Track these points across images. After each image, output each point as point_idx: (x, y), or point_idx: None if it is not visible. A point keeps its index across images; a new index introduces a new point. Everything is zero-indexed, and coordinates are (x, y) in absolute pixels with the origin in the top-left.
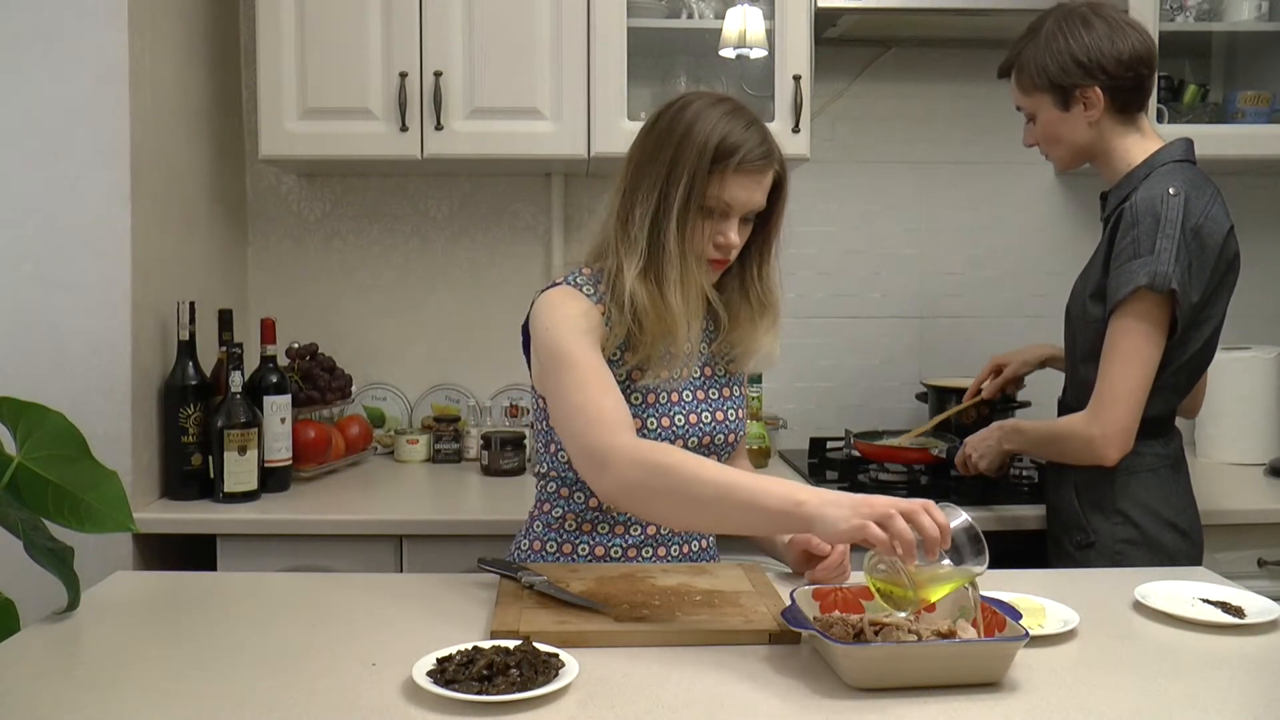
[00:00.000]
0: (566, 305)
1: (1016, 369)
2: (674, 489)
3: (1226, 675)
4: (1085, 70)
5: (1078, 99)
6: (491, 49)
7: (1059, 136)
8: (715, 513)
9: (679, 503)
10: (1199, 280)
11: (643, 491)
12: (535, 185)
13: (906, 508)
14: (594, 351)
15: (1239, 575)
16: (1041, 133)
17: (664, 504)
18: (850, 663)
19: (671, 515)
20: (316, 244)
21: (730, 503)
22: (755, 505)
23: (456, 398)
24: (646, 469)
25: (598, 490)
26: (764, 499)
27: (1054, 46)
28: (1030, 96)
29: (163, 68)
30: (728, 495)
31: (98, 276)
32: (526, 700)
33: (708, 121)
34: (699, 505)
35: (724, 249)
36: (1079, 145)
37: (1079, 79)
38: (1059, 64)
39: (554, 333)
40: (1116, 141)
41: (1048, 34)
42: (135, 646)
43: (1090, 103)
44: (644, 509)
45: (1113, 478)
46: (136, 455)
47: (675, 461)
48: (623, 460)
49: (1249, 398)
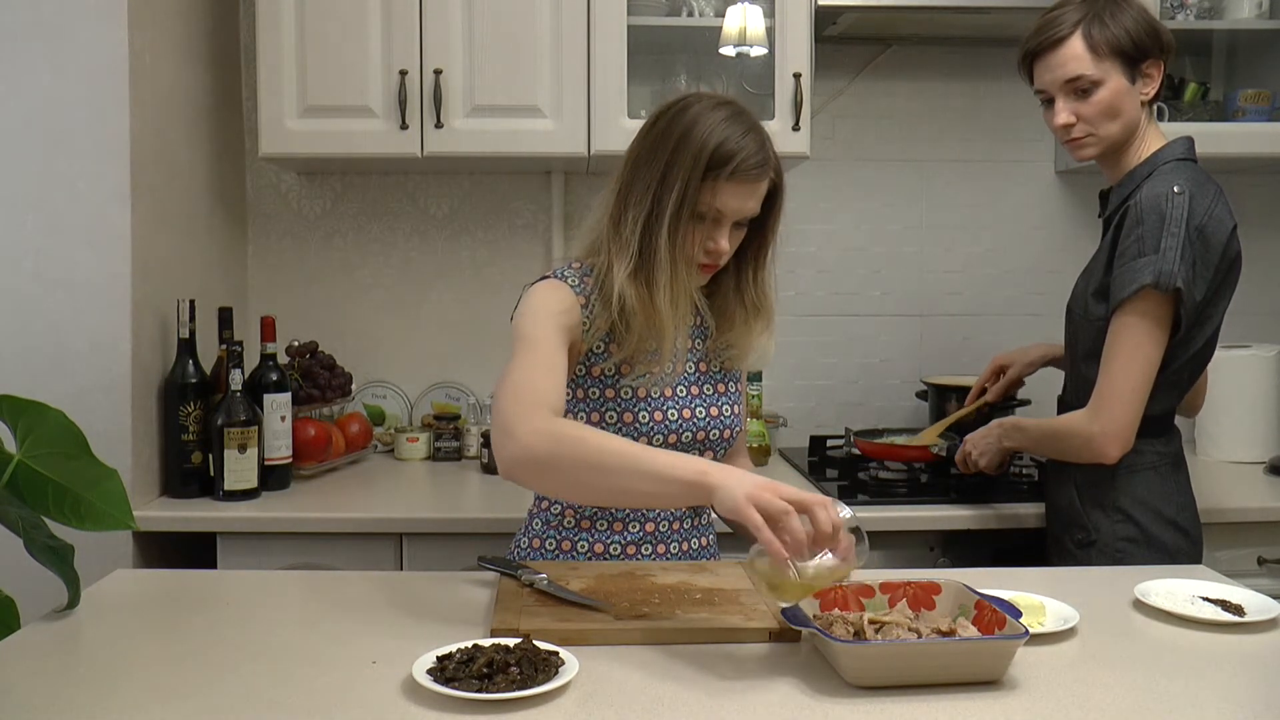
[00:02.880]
0: (545, 298)
1: (1019, 370)
2: (578, 458)
3: (1226, 673)
4: (1159, 43)
5: (1143, 73)
6: (491, 47)
7: (1121, 110)
8: (618, 481)
9: (584, 473)
10: (1203, 279)
11: (546, 461)
12: (535, 183)
13: (806, 503)
14: (554, 338)
15: (1239, 573)
16: (1104, 105)
17: (568, 474)
18: (850, 661)
19: (576, 486)
20: (316, 242)
21: (634, 472)
22: (659, 475)
23: (457, 395)
24: (553, 438)
25: (501, 461)
26: (668, 469)
27: (1131, 13)
28: (1102, 62)
29: (163, 65)
30: (633, 465)
31: (98, 274)
32: (526, 698)
33: (705, 127)
34: (602, 473)
35: (714, 255)
36: (1133, 123)
37: (1154, 50)
38: (1141, 29)
39: (520, 320)
40: (1145, 129)
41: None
42: (135, 644)
43: (1151, 79)
44: (545, 481)
45: (1114, 476)
46: (136, 453)
47: (583, 434)
48: (527, 429)
49: (1249, 396)
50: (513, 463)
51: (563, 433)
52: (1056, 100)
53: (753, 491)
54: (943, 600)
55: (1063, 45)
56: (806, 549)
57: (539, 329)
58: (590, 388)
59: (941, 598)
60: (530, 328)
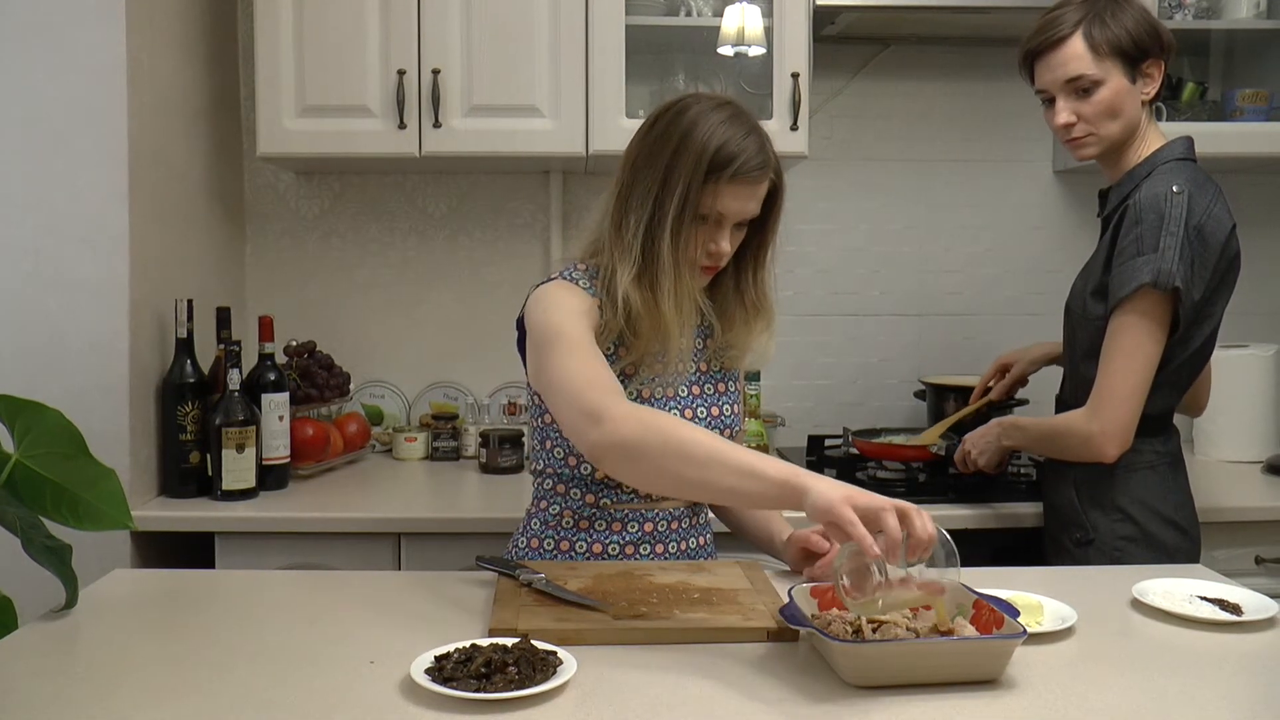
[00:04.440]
0: (566, 297)
1: (1023, 369)
2: (668, 447)
3: (1224, 672)
4: (1160, 43)
5: (1143, 73)
6: (489, 46)
7: (1121, 109)
8: (706, 474)
9: (671, 461)
10: (1201, 278)
11: (636, 447)
12: (533, 183)
13: (901, 507)
14: (588, 331)
15: (1236, 572)
16: (1104, 104)
17: (655, 462)
18: (848, 660)
19: (661, 475)
20: (314, 241)
21: (723, 465)
22: (748, 470)
23: (455, 395)
24: (643, 425)
25: (588, 446)
26: (758, 465)
27: (1132, 12)
28: (1103, 62)
29: (161, 65)
30: (722, 458)
31: (96, 274)
32: (524, 698)
33: (705, 129)
34: (691, 464)
35: (715, 257)
36: (1134, 123)
37: (1154, 50)
38: (1142, 29)
39: (549, 315)
40: (1145, 129)
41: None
42: (133, 644)
43: (1151, 79)
44: (633, 467)
45: (1112, 475)
46: (134, 453)
47: (671, 422)
48: (618, 415)
49: (1247, 395)
50: (604, 447)
51: (653, 420)
52: (1057, 100)
53: (849, 493)
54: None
55: (1064, 45)
56: (902, 551)
57: (570, 323)
58: None
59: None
60: (561, 323)
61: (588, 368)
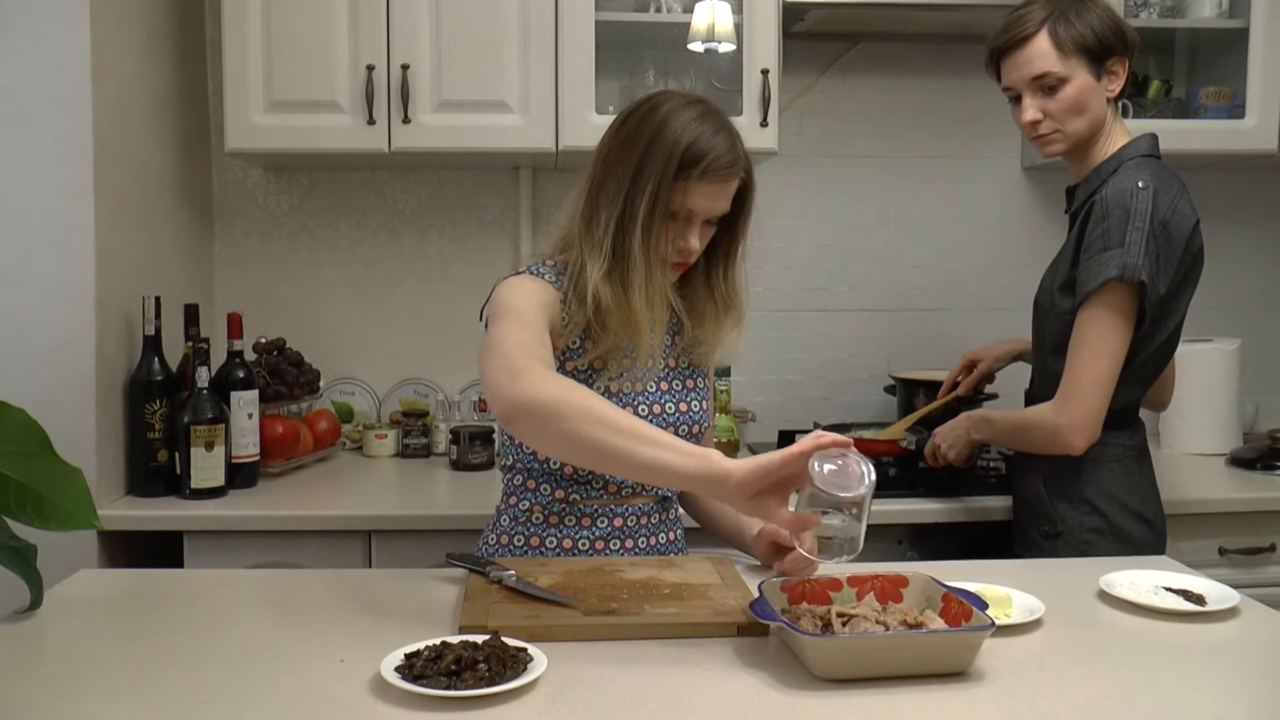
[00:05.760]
0: (525, 284)
1: (990, 365)
2: (590, 413)
3: (1188, 661)
4: (1124, 41)
5: (1108, 70)
6: (459, 42)
7: (1086, 107)
8: (622, 441)
9: (591, 426)
10: (1166, 273)
11: (554, 408)
12: (503, 179)
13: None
14: (540, 315)
15: (1201, 563)
16: (1069, 102)
17: (573, 424)
18: (818, 654)
19: (579, 439)
20: (283, 238)
21: (642, 436)
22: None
23: (425, 392)
24: (565, 387)
25: (505, 403)
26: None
27: (1097, 11)
28: (1067, 60)
29: (126, 59)
30: (642, 429)
31: (60, 271)
32: (495, 695)
33: (676, 126)
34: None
35: (685, 254)
36: (1099, 120)
37: (1118, 48)
38: (1106, 27)
39: (506, 297)
40: (1110, 126)
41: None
42: (100, 645)
43: (1116, 76)
44: (544, 427)
45: (1080, 468)
46: (101, 452)
47: (592, 394)
48: (537, 375)
49: (1211, 389)
50: (520, 401)
51: (572, 385)
52: (1024, 97)
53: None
54: (910, 593)
55: (1029, 43)
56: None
57: (525, 303)
58: None
59: (909, 590)
60: (516, 301)
61: (526, 336)
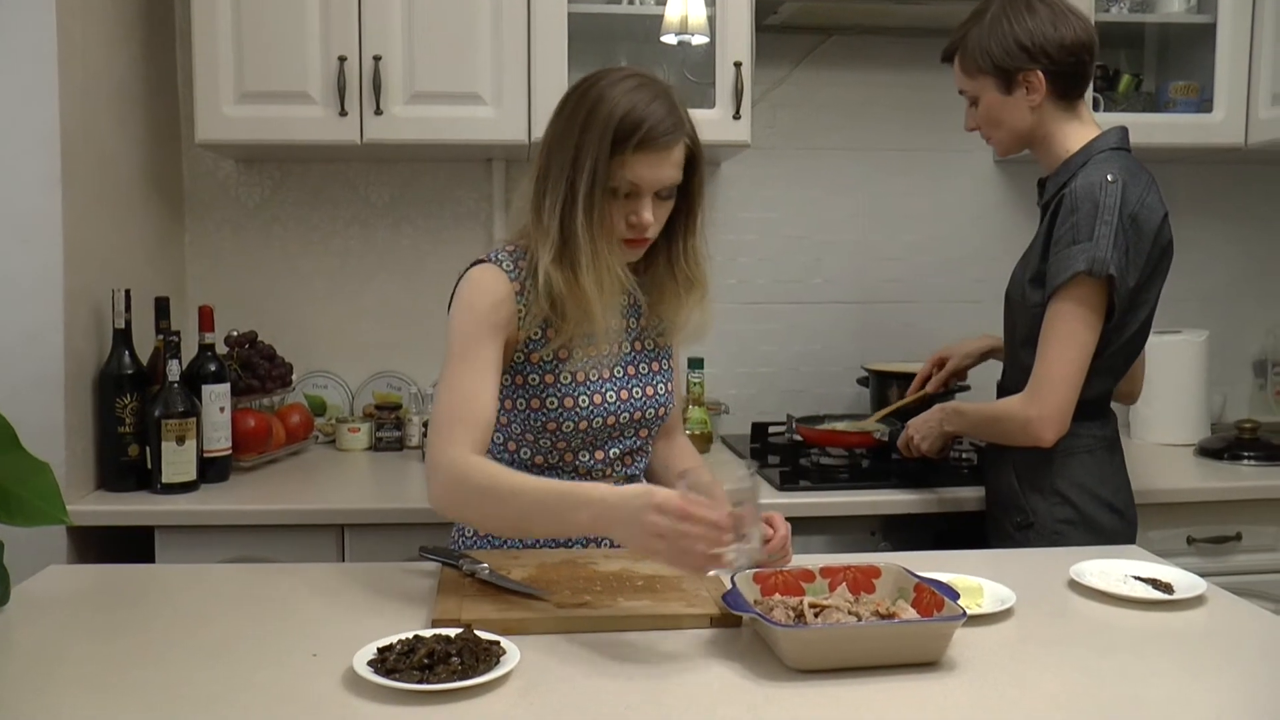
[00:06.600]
0: (479, 294)
1: (959, 362)
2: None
3: (1156, 649)
4: (1028, 54)
5: (1020, 83)
6: (431, 33)
7: (1000, 120)
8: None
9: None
10: (1135, 266)
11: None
12: (476, 171)
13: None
14: (486, 343)
15: (1169, 553)
16: (984, 116)
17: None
18: (790, 645)
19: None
20: (255, 230)
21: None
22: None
23: (398, 385)
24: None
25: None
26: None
27: (998, 30)
28: (974, 79)
29: (94, 49)
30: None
31: (28, 264)
32: (468, 688)
33: (610, 99)
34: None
35: (638, 228)
36: (1020, 130)
37: (1022, 63)
38: (1003, 47)
39: (456, 320)
40: (1055, 127)
41: (993, 18)
42: (69, 642)
43: (1032, 87)
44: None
45: (1051, 459)
46: (70, 446)
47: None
48: (445, 477)
49: (1180, 380)
50: (432, 504)
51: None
52: None
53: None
54: (882, 583)
55: (952, 60)
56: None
57: (469, 336)
58: (530, 374)
59: (881, 581)
60: (462, 335)
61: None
